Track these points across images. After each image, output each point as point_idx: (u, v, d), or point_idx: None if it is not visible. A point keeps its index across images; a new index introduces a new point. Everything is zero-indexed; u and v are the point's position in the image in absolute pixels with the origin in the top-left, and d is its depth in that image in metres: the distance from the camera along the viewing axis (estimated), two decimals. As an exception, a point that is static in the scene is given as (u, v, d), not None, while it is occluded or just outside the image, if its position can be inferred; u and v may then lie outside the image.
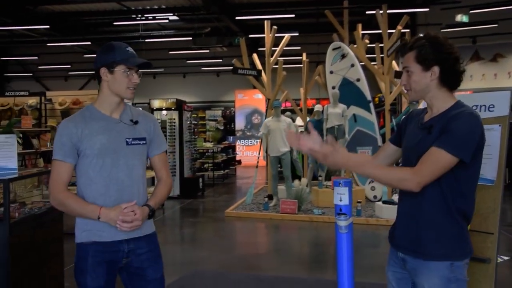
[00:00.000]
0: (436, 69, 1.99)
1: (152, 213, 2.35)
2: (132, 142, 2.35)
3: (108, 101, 2.36)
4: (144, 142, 2.39)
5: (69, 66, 21.70)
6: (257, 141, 19.21)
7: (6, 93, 9.89)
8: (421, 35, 2.13)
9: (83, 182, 2.31)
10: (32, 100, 9.60)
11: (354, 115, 9.73)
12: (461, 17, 14.33)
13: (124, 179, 2.29)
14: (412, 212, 2.05)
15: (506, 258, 5.66)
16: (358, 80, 9.70)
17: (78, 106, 10.14)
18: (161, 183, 2.50)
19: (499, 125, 2.40)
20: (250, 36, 17.59)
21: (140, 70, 2.35)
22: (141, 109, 2.65)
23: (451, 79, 2.02)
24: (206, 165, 13.87)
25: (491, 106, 2.44)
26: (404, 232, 2.09)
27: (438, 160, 1.88)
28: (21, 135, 8.32)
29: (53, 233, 3.94)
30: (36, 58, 21.02)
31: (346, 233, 2.47)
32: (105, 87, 2.33)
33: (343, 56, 9.90)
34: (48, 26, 16.05)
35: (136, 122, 2.39)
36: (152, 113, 10.69)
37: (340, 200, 2.46)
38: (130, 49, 2.36)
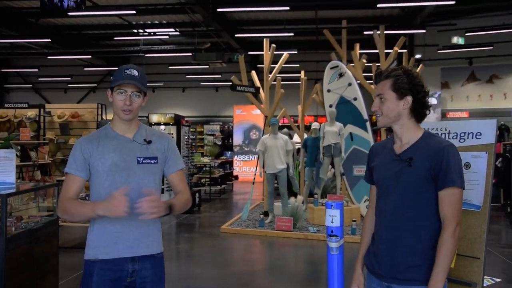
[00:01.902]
0: (409, 99, 2.13)
1: (170, 207, 2.30)
2: (143, 161, 2.39)
3: (118, 121, 2.44)
4: (156, 161, 2.43)
5: (69, 78, 21.81)
6: (254, 157, 19.26)
7: (6, 105, 9.93)
8: (396, 67, 2.24)
9: (95, 199, 2.37)
10: (31, 112, 9.65)
11: (350, 133, 9.81)
12: (457, 39, 14.54)
13: (133, 197, 2.30)
14: (395, 240, 2.12)
15: (498, 280, 5.69)
16: (355, 99, 9.80)
17: (77, 119, 10.20)
18: (180, 193, 2.50)
19: (486, 153, 2.47)
20: (250, 53, 17.76)
21: (135, 92, 2.36)
22: (158, 129, 2.68)
23: (420, 110, 2.16)
24: (203, 180, 13.89)
25: (478, 134, 2.52)
26: (389, 260, 2.14)
27: (459, 198, 2.05)
28: (19, 148, 8.37)
29: (49, 247, 3.97)
30: (37, 70, 21.16)
31: (337, 254, 2.53)
32: (113, 108, 2.42)
33: (341, 75, 10.01)
34: (49, 40, 16.18)
35: (149, 142, 2.45)
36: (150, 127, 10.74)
37: (332, 222, 2.53)
38: (130, 71, 2.36)
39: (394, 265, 2.11)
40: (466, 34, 14.49)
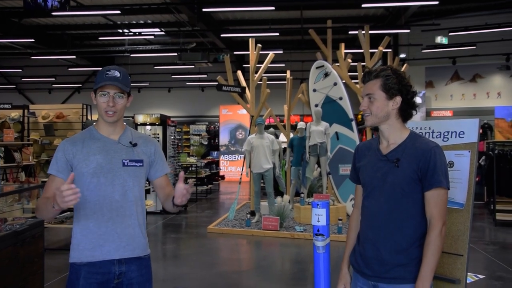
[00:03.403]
0: (398, 99, 2.16)
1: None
2: (129, 164, 2.38)
3: (103, 123, 2.42)
4: (141, 164, 2.42)
5: (53, 79, 21.59)
6: (241, 156, 19.29)
7: (-11, 106, 9.82)
8: (384, 66, 2.26)
9: (80, 202, 2.33)
10: (15, 113, 9.56)
11: (336, 133, 9.87)
12: (440, 39, 14.70)
13: (118, 199, 2.32)
14: (381, 239, 2.15)
15: (481, 276, 5.78)
16: (340, 98, 9.86)
17: (62, 120, 10.12)
18: (170, 195, 2.48)
19: (469, 151, 2.51)
20: (235, 52, 17.76)
21: (118, 93, 2.33)
22: (143, 132, 2.68)
23: (407, 111, 2.19)
24: (189, 180, 13.83)
25: (461, 132, 2.56)
26: (375, 259, 2.17)
27: (445, 198, 2.10)
28: (3, 149, 8.28)
29: (35, 249, 3.94)
30: (20, 70, 20.91)
31: (323, 253, 2.55)
32: (98, 111, 2.40)
33: (326, 74, 10.07)
34: (33, 40, 15.99)
35: (135, 145, 2.44)
36: (136, 128, 10.70)
37: (318, 221, 2.55)
38: (111, 72, 2.34)
39: (380, 264, 2.14)
40: (450, 34, 14.67)
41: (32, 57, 18.04)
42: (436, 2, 11.42)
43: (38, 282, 4.01)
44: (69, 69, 20.39)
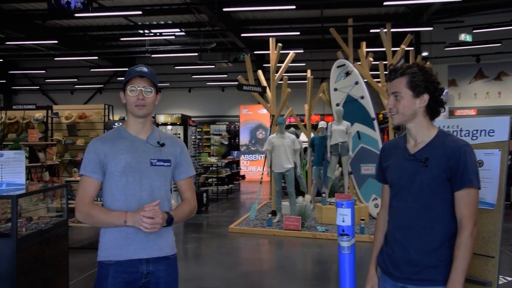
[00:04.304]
0: (426, 97, 2.10)
1: (170, 220, 2.34)
2: (157, 163, 2.38)
3: (132, 121, 2.43)
4: (169, 164, 2.42)
5: (76, 80, 21.91)
6: (261, 156, 19.26)
7: (14, 107, 9.98)
8: (410, 63, 2.20)
9: (107, 200, 2.37)
10: (39, 114, 9.70)
11: (358, 132, 9.77)
12: (464, 37, 14.44)
13: (145, 198, 2.32)
14: (410, 240, 2.10)
15: (510, 279, 5.64)
16: (362, 97, 9.76)
17: (84, 120, 10.24)
18: (184, 201, 2.52)
19: (499, 150, 2.44)
20: (256, 52, 17.75)
21: (147, 87, 2.35)
22: (171, 134, 2.68)
23: (435, 109, 2.13)
24: (210, 180, 13.90)
25: (491, 131, 2.49)
26: (404, 260, 2.11)
27: (476, 198, 2.04)
28: (28, 149, 8.41)
29: (60, 248, 3.98)
30: (44, 71, 21.27)
31: (348, 253, 2.50)
32: (127, 109, 2.42)
33: (348, 73, 9.98)
34: (56, 41, 16.24)
35: (162, 145, 2.44)
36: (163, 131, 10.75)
37: (343, 221, 2.50)
38: (139, 68, 2.38)
39: (408, 266, 2.08)
40: (474, 31, 14.40)
41: (55, 59, 18.33)
42: (460, -1, 11.23)
43: (63, 281, 4.05)
44: (91, 70, 20.67)
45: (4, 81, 23.83)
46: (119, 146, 2.37)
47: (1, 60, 21.12)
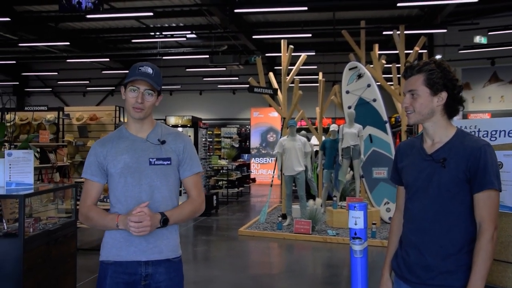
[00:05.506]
0: (444, 95, 2.01)
1: (164, 221, 2.22)
2: (156, 162, 2.30)
3: (131, 120, 2.38)
4: (169, 162, 2.33)
5: (88, 82, 22.03)
6: (272, 159, 19.19)
7: (26, 108, 10.02)
8: (427, 59, 2.11)
9: (111, 201, 2.34)
10: (51, 115, 9.73)
11: (370, 135, 9.67)
12: (479, 39, 14.25)
13: (145, 199, 2.25)
14: (426, 244, 2.01)
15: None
16: (374, 100, 9.66)
17: (95, 122, 10.25)
18: (187, 200, 2.41)
19: (519, 151, 2.35)
20: (267, 54, 17.70)
21: (148, 90, 2.28)
22: (175, 129, 2.60)
23: (454, 107, 2.05)
24: (220, 183, 13.86)
25: (510, 131, 2.40)
26: (420, 265, 2.03)
27: (497, 200, 1.94)
28: (38, 150, 8.42)
29: (67, 249, 3.95)
30: (56, 73, 21.42)
31: (361, 257, 2.43)
32: (125, 106, 2.35)
33: (360, 76, 9.88)
34: (68, 43, 16.33)
35: (163, 142, 2.35)
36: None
37: (355, 224, 2.43)
38: (144, 68, 2.28)
39: (424, 270, 2.00)
40: (489, 33, 14.19)
41: (68, 61, 18.43)
42: (476, 0, 11.07)
43: (71, 282, 4.01)
44: (103, 72, 20.75)
45: (17, 83, 24.02)
46: (119, 147, 2.32)
47: (14, 62, 21.30)
